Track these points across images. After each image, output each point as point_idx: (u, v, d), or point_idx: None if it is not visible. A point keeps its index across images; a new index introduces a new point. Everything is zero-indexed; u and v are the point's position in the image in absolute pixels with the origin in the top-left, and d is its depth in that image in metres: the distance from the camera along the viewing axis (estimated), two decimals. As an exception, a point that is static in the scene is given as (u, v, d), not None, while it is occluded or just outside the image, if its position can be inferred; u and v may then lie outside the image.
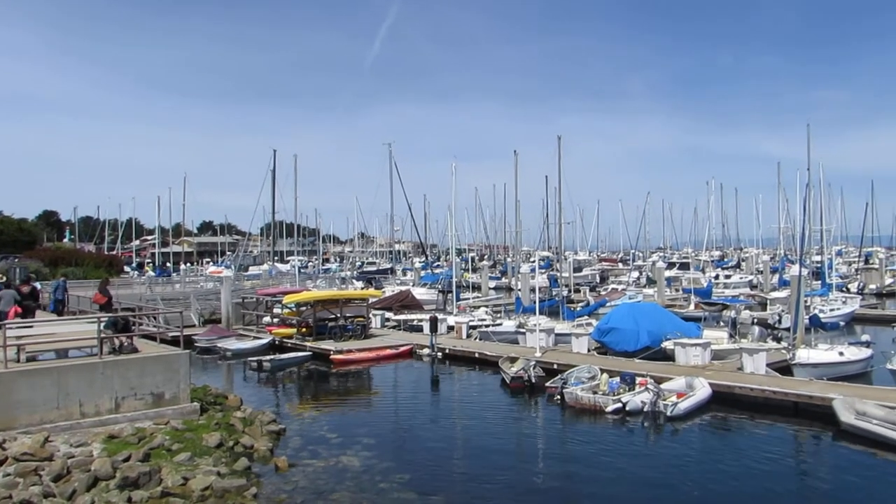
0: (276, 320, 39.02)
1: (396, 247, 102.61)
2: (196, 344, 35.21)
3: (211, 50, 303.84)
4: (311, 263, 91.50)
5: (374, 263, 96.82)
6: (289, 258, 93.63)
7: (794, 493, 15.13)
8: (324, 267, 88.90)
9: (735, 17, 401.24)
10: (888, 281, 66.02)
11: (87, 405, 16.65)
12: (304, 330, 35.84)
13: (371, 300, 41.21)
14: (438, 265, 78.31)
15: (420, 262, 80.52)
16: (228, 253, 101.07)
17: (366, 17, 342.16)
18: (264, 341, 35.69)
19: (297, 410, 23.23)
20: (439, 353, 32.28)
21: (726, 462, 16.95)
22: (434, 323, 33.63)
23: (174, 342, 20.78)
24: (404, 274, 77.24)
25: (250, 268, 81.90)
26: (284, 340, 35.58)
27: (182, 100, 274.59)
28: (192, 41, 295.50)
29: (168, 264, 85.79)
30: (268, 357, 31.36)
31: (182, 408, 18.04)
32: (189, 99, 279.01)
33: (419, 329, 38.02)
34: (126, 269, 78.23)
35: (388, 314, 42.90)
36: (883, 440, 17.32)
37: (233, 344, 35.22)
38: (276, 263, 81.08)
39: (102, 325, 18.14)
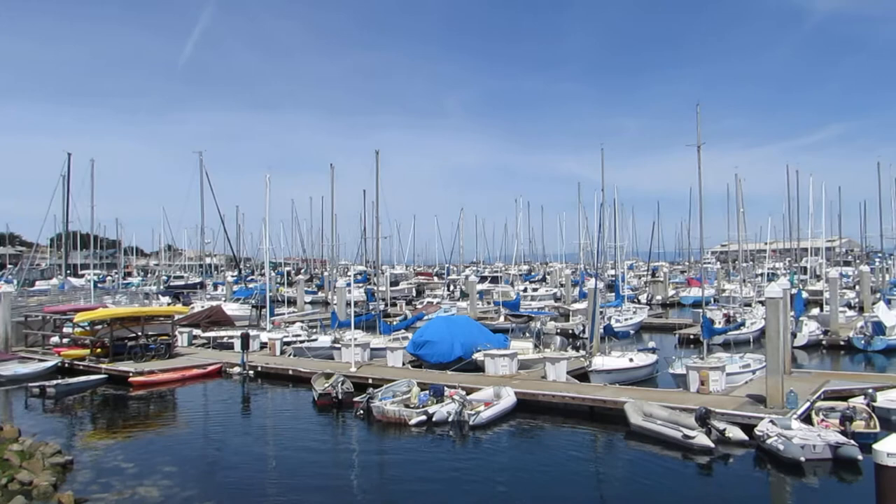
0: (66, 341, 35.45)
1: (207, 260, 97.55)
2: (-35, 370, 31.08)
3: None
4: (109, 277, 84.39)
5: (181, 277, 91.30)
6: (84, 272, 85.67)
7: (588, 493, 16.18)
8: (125, 281, 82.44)
9: (544, 42, 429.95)
10: (671, 292, 73.43)
11: None
12: (99, 350, 32.91)
13: (177, 317, 38.79)
14: (252, 279, 75.52)
15: (232, 276, 77.20)
16: (10, 266, 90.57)
17: (176, 16, 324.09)
18: (49, 364, 32.26)
19: (88, 440, 21.16)
20: (251, 372, 31.08)
21: (528, 466, 17.79)
22: (245, 339, 32.36)
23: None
24: (215, 288, 73.76)
25: (37, 282, 74.06)
26: (75, 363, 32.45)
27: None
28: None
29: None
30: (53, 382, 28.32)
31: (-58, 445, 15.75)
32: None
33: (230, 346, 36.39)
34: None
35: (196, 331, 40.64)
36: (665, 439, 19.03)
37: (9, 368, 31.52)
38: (69, 278, 73.80)
39: None
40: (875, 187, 69.66)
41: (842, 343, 37.93)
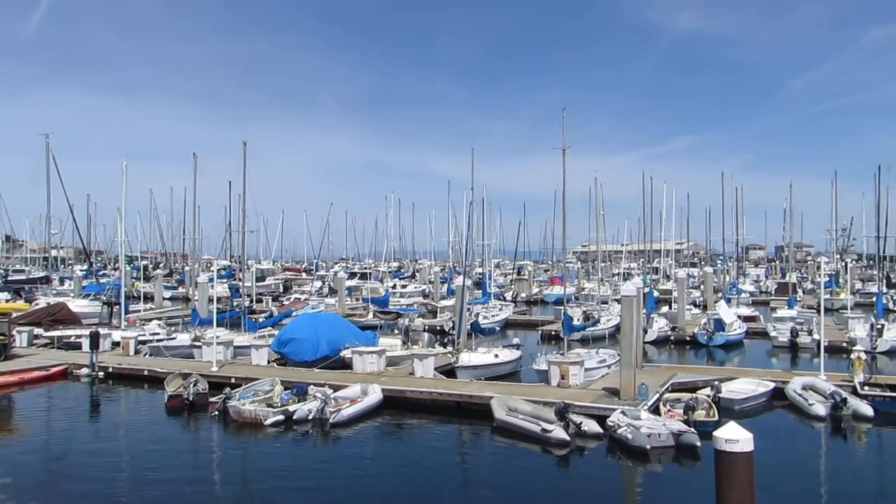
0: None
1: (53, 253, 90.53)
2: None
3: None
4: (-66, 272, 76.25)
5: (22, 271, 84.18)
6: None
7: (450, 488, 16.33)
8: (-48, 276, 74.72)
9: (418, 42, 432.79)
10: (535, 290, 76.21)
11: None
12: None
13: (14, 314, 35.65)
14: (105, 274, 70.83)
15: (82, 270, 72.00)
16: None
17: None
18: None
19: None
20: (101, 373, 29.14)
21: (391, 463, 17.78)
22: (95, 338, 30.24)
23: None
24: (62, 283, 68.48)
25: None
26: None
27: None
28: None
29: None
30: None
31: None
32: None
33: (78, 346, 33.95)
34: None
35: (38, 330, 37.55)
36: (526, 433, 19.59)
37: None
38: None
39: None
40: (719, 195, 75.35)
41: (687, 339, 40.75)
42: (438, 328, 42.57)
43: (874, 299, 47.10)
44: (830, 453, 19.09)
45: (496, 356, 29.10)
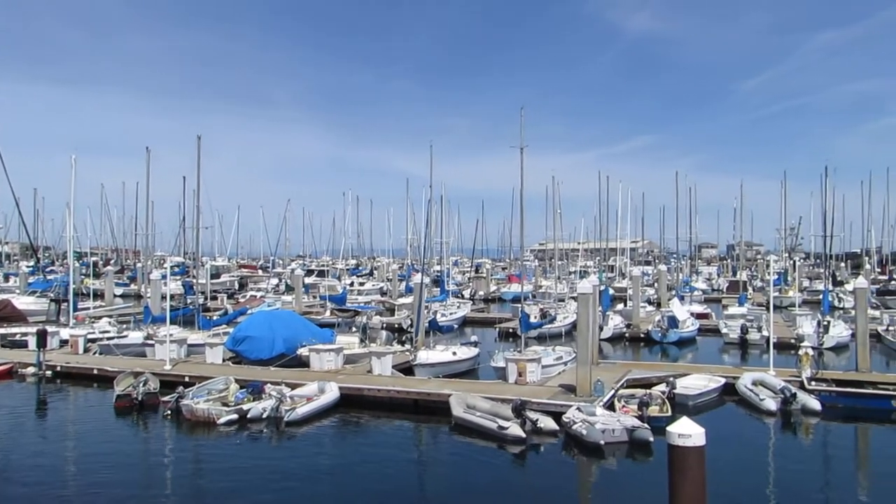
0: None
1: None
2: None
3: None
4: None
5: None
6: None
7: (406, 486, 16.30)
8: None
9: (376, 39, 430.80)
10: (493, 288, 76.55)
11: None
12: None
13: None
14: (52, 270, 68.81)
15: (28, 266, 69.88)
16: None
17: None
18: None
19: None
20: (48, 372, 28.33)
21: (348, 462, 17.64)
22: (42, 336, 29.37)
23: None
24: (7, 280, 66.42)
25: None
26: None
27: None
28: None
29: None
30: None
31: None
32: None
33: (24, 345, 32.97)
34: None
35: (-19, 328, 36.34)
36: (483, 430, 19.64)
37: None
38: None
39: None
40: (673, 195, 76.54)
41: (642, 336, 41.37)
42: (396, 326, 42.46)
43: (821, 297, 48.54)
44: (781, 446, 19.60)
45: (454, 354, 29.15)
